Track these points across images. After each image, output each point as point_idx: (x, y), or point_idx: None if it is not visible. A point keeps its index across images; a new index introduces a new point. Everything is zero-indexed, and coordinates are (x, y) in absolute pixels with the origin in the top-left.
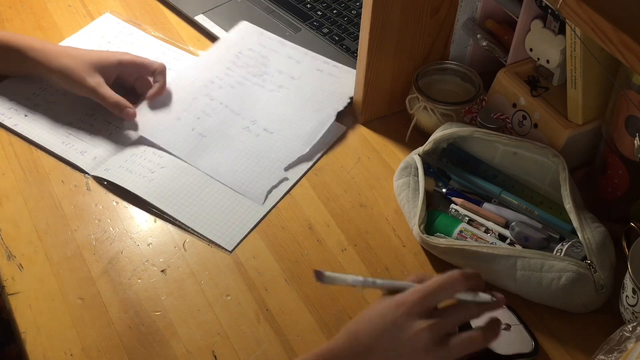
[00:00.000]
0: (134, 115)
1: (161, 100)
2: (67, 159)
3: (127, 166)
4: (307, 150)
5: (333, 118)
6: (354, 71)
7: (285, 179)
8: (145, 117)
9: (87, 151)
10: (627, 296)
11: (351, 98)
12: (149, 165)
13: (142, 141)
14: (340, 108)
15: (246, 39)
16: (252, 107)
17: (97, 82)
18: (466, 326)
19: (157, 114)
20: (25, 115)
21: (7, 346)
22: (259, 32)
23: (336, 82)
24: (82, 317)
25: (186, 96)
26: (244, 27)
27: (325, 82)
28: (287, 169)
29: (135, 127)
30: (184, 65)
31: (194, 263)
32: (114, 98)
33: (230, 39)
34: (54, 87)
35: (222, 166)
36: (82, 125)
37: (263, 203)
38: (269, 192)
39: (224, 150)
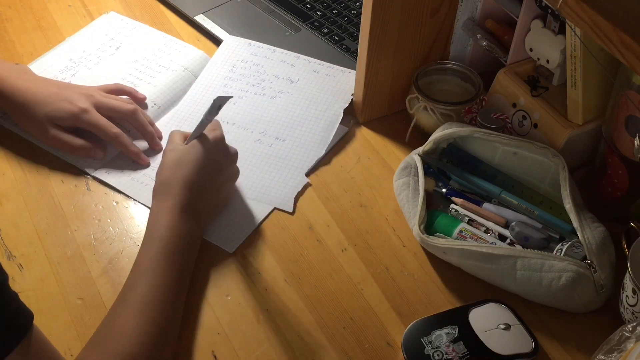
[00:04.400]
0: (103, 155)
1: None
2: (67, 159)
3: (129, 172)
4: (324, 152)
5: (341, 116)
6: (348, 71)
7: (309, 184)
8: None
9: None
10: (627, 296)
11: (352, 95)
12: (151, 174)
13: (147, 154)
14: (346, 105)
15: (236, 51)
16: (259, 118)
17: (54, 133)
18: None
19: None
20: None
21: None
22: (247, 42)
23: (334, 81)
24: (82, 317)
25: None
26: (232, 41)
27: (325, 82)
28: (308, 174)
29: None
30: (184, 97)
31: None
32: (77, 143)
33: (220, 56)
34: None
35: (243, 182)
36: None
37: (293, 211)
38: (296, 198)
39: (240, 167)
